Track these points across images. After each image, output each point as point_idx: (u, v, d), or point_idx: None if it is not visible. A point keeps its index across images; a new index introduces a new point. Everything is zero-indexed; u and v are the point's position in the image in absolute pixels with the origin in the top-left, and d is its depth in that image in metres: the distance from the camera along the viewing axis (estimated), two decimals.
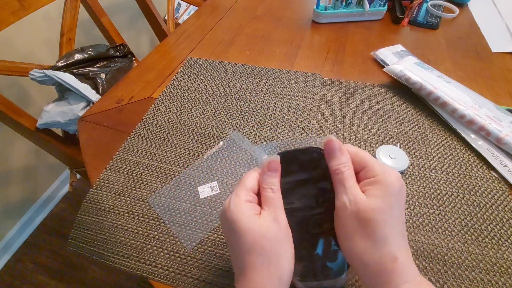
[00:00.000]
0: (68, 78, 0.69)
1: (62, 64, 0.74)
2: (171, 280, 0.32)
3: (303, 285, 0.25)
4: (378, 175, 0.23)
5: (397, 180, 0.23)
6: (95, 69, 0.79)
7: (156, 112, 0.51)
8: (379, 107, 0.51)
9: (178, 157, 0.44)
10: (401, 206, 0.23)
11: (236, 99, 0.53)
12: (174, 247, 0.35)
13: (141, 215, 0.38)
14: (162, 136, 0.47)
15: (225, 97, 0.54)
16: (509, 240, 0.34)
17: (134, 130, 0.48)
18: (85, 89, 0.71)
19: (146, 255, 0.34)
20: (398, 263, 0.22)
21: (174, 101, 0.53)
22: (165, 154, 0.45)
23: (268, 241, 0.22)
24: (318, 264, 0.26)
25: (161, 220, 0.37)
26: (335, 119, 0.49)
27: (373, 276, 0.22)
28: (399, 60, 0.56)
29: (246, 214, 0.23)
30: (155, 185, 0.41)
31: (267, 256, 0.22)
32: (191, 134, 0.47)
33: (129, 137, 0.47)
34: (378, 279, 0.22)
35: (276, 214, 0.23)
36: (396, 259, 0.22)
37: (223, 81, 0.57)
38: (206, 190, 0.40)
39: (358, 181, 0.25)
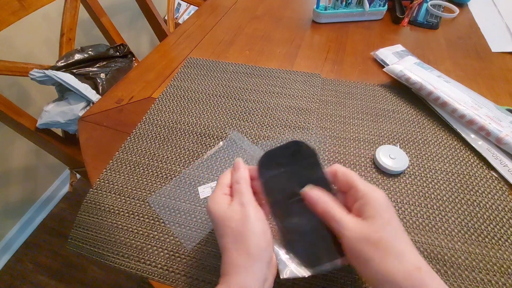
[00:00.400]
0: (68, 78, 0.69)
1: (62, 64, 0.74)
2: (171, 280, 0.32)
3: (312, 271, 0.26)
4: (365, 195, 0.25)
5: (382, 195, 0.26)
6: (95, 69, 0.79)
7: (156, 112, 0.51)
8: (379, 107, 0.51)
9: (178, 157, 0.44)
10: (395, 216, 0.25)
11: (236, 99, 0.53)
12: (174, 247, 0.35)
13: (141, 215, 0.38)
14: (162, 136, 0.47)
15: (225, 97, 0.54)
16: (509, 240, 0.34)
17: (134, 130, 0.48)
18: (85, 89, 0.71)
19: (146, 255, 0.34)
20: (423, 271, 0.22)
21: (174, 101, 0.53)
22: (165, 154, 0.45)
23: (234, 222, 0.25)
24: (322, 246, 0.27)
25: (161, 220, 0.37)
26: (335, 119, 0.49)
27: None
28: (399, 60, 0.56)
29: (220, 204, 0.27)
30: (155, 185, 0.41)
31: (234, 236, 0.25)
32: (191, 134, 0.47)
33: (129, 137, 0.47)
34: None
35: (241, 200, 0.27)
36: (420, 268, 0.22)
37: (223, 81, 0.57)
38: (206, 190, 0.40)
39: (349, 201, 0.27)
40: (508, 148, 0.41)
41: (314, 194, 0.27)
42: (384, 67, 0.57)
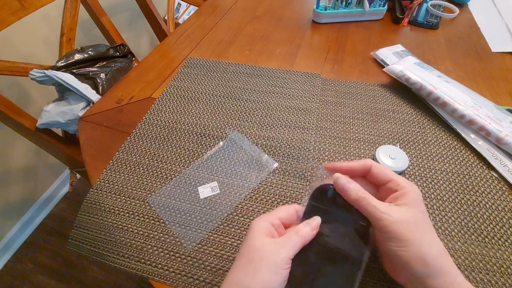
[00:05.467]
0: (68, 78, 0.69)
1: (62, 64, 0.74)
2: (171, 280, 0.32)
3: None
4: (405, 187, 0.27)
5: (419, 191, 0.28)
6: (95, 69, 0.79)
7: (156, 112, 0.51)
8: (379, 107, 0.51)
9: (178, 157, 0.44)
10: (426, 211, 0.27)
11: (236, 99, 0.53)
12: (174, 247, 0.35)
13: (141, 215, 0.38)
14: (162, 136, 0.47)
15: (225, 97, 0.54)
16: (509, 240, 0.34)
17: (134, 130, 0.48)
18: (85, 89, 0.71)
19: (146, 255, 0.34)
20: (448, 256, 0.25)
21: (174, 101, 0.53)
22: (165, 154, 0.45)
23: (256, 254, 0.25)
24: None
25: (161, 220, 0.37)
26: (335, 119, 0.49)
27: (433, 273, 0.24)
28: (399, 60, 0.56)
29: (261, 228, 0.26)
30: (155, 185, 0.41)
31: (247, 265, 0.25)
32: (191, 134, 0.47)
33: (129, 137, 0.47)
34: (438, 274, 0.24)
35: (280, 246, 0.25)
36: (446, 253, 0.25)
37: (223, 81, 0.57)
38: (206, 190, 0.40)
39: (383, 193, 0.28)
40: (508, 148, 0.41)
41: (345, 181, 0.28)
42: (384, 67, 0.57)
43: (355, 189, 0.27)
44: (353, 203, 0.27)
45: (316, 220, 0.27)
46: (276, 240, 0.26)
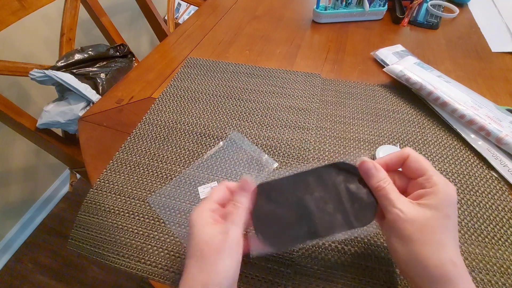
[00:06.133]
0: (68, 78, 0.69)
1: (62, 64, 0.74)
2: (171, 280, 0.32)
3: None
4: (437, 186, 0.25)
5: (453, 192, 0.25)
6: (95, 69, 0.79)
7: (156, 112, 0.51)
8: (379, 107, 0.51)
9: (178, 157, 0.44)
10: (455, 217, 0.25)
11: (236, 99, 0.53)
12: (174, 247, 0.35)
13: (141, 215, 0.38)
14: (162, 136, 0.47)
15: (225, 97, 0.54)
16: (509, 240, 0.34)
17: (134, 130, 0.48)
18: (85, 89, 0.71)
19: (146, 255, 0.34)
20: (458, 267, 0.23)
21: (174, 101, 0.53)
22: (165, 154, 0.45)
23: (208, 248, 0.24)
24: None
25: (161, 220, 0.37)
26: (335, 119, 0.49)
27: (433, 279, 0.23)
28: (399, 60, 0.56)
29: (203, 221, 0.25)
30: (155, 185, 0.41)
31: (201, 262, 0.23)
32: (191, 134, 0.47)
33: (129, 137, 0.47)
34: (438, 282, 0.23)
35: (227, 228, 0.25)
36: (456, 264, 0.23)
37: (223, 81, 0.57)
38: (206, 190, 0.40)
39: (414, 187, 0.26)
40: (508, 148, 0.41)
41: (371, 166, 0.27)
42: (384, 67, 0.57)
43: (378, 177, 0.26)
44: (372, 191, 0.27)
45: (248, 181, 0.27)
46: (221, 225, 0.25)
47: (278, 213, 0.27)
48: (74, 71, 0.76)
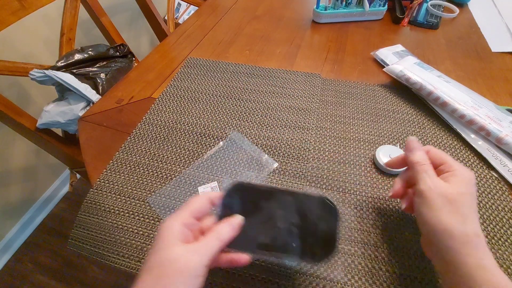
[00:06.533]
0: (68, 78, 0.69)
1: (62, 64, 0.74)
2: None
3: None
4: (456, 170, 0.28)
5: (472, 175, 0.28)
6: (95, 69, 0.79)
7: (156, 112, 0.51)
8: (379, 107, 0.51)
9: (178, 157, 0.44)
10: (475, 196, 0.28)
11: (236, 99, 0.53)
12: None
13: (141, 215, 0.38)
14: (162, 136, 0.47)
15: (225, 97, 0.54)
16: (509, 240, 0.34)
17: (134, 130, 0.48)
18: (85, 89, 0.71)
19: (146, 255, 0.34)
20: (480, 239, 0.25)
21: (174, 101, 0.53)
22: (165, 154, 0.45)
23: (170, 267, 0.22)
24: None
25: (161, 220, 0.37)
26: (335, 119, 0.49)
27: (456, 247, 0.25)
28: (399, 60, 0.56)
29: (172, 237, 0.23)
30: (155, 185, 0.41)
31: (157, 281, 0.22)
32: (191, 134, 0.47)
33: (129, 137, 0.47)
34: (463, 249, 0.24)
35: (195, 251, 0.23)
36: (479, 235, 0.25)
37: (223, 81, 0.57)
38: (206, 190, 0.40)
39: (437, 174, 0.29)
40: (508, 148, 0.41)
41: (416, 145, 0.31)
42: (384, 67, 0.57)
43: (420, 155, 0.30)
44: (412, 165, 0.30)
45: (238, 219, 0.26)
46: (191, 246, 0.23)
47: (244, 212, 0.27)
48: (74, 71, 0.76)
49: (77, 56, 0.77)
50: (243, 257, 0.26)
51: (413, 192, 0.31)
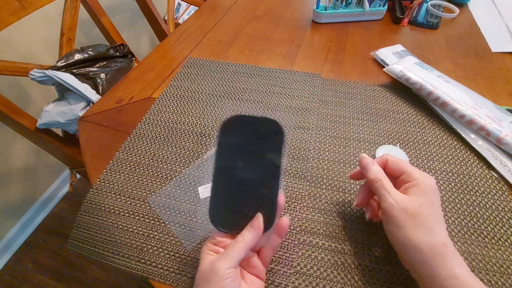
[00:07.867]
0: (68, 78, 0.69)
1: (62, 64, 0.74)
2: (171, 280, 0.32)
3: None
4: (417, 179, 0.28)
5: (432, 182, 0.29)
6: (95, 69, 0.79)
7: (156, 112, 0.51)
8: (379, 107, 0.51)
9: (178, 157, 0.44)
10: (438, 203, 0.28)
11: (236, 99, 0.53)
12: (174, 247, 0.35)
13: (141, 215, 0.38)
14: (162, 136, 0.47)
15: (225, 97, 0.54)
16: (509, 240, 0.34)
17: (134, 130, 0.48)
18: (85, 89, 0.71)
19: (146, 255, 0.34)
20: (448, 248, 0.25)
21: (174, 101, 0.53)
22: (165, 154, 0.45)
23: (200, 277, 0.26)
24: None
25: (161, 220, 0.37)
26: (335, 119, 0.49)
27: (427, 260, 0.25)
28: (399, 60, 0.56)
29: (204, 250, 0.27)
30: (155, 185, 0.41)
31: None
32: (191, 134, 0.47)
33: (129, 137, 0.47)
34: (433, 262, 0.25)
35: (218, 260, 0.25)
36: (446, 245, 0.25)
37: (223, 81, 0.57)
38: (206, 190, 0.40)
39: (398, 184, 0.30)
40: (508, 148, 0.41)
41: (369, 162, 0.31)
42: (384, 67, 0.57)
43: (375, 171, 0.30)
44: (369, 183, 0.30)
45: (258, 219, 0.27)
46: (218, 256, 0.26)
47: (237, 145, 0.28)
48: (74, 71, 0.76)
49: (77, 56, 0.77)
50: (283, 220, 0.29)
51: (377, 204, 0.32)
